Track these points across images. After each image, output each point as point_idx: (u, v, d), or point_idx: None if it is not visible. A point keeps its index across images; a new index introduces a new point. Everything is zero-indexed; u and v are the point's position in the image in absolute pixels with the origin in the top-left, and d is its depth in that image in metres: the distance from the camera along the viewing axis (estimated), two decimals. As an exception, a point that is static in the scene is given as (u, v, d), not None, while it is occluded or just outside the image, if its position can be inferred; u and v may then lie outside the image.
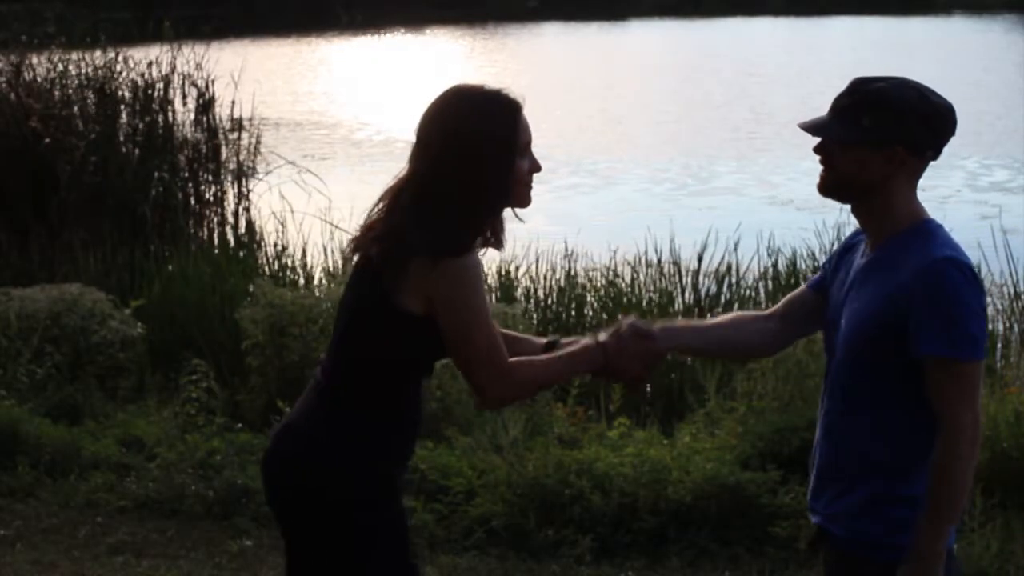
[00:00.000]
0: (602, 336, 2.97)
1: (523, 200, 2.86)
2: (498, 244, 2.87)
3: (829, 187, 2.77)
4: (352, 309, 2.88)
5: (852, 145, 2.71)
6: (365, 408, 2.85)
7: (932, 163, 2.78)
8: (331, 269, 8.89)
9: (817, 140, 2.77)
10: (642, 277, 8.56)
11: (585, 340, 3.00)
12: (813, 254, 8.57)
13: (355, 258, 2.91)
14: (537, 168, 2.86)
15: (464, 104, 2.82)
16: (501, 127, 2.79)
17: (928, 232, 2.70)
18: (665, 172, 16.24)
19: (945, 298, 2.59)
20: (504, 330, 2.95)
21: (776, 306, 3.08)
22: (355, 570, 2.86)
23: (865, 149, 2.70)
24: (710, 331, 3.12)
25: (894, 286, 2.65)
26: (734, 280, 8.42)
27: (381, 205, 2.87)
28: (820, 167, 2.78)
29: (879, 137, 2.68)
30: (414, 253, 2.72)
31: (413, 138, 2.86)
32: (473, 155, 2.75)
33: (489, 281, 8.23)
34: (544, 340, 3.10)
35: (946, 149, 2.78)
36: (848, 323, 2.74)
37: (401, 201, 2.81)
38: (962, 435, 2.59)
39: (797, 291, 3.07)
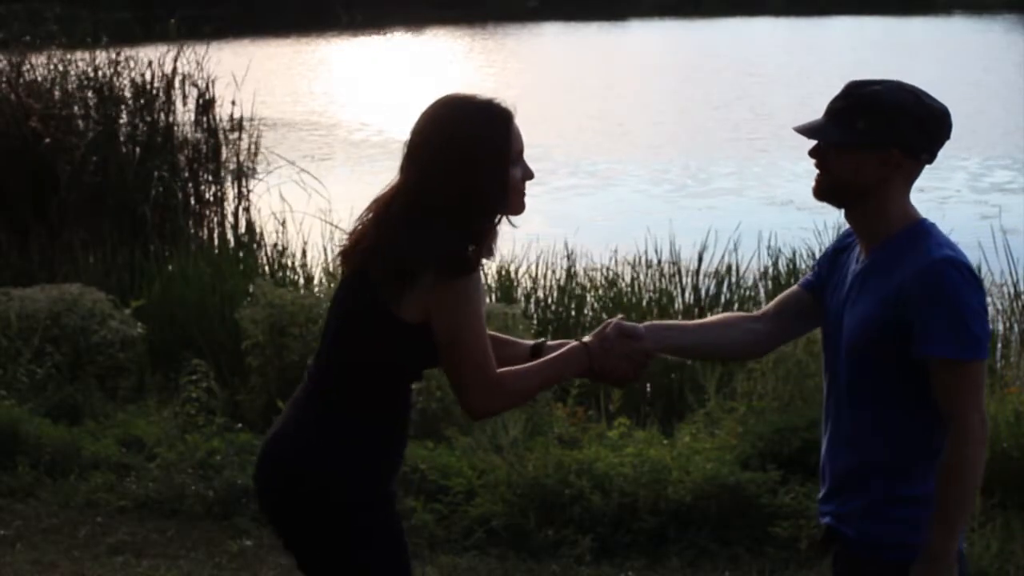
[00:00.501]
0: (587, 338, 2.98)
1: (517, 208, 2.86)
2: (488, 253, 2.86)
3: (825, 191, 2.77)
4: (345, 314, 2.88)
5: (847, 148, 2.71)
6: (356, 411, 2.85)
7: (929, 165, 2.78)
8: (331, 269, 8.88)
9: (812, 143, 2.77)
10: (642, 277, 8.56)
11: (571, 343, 3.00)
12: (813, 254, 8.56)
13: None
14: (530, 176, 2.87)
15: (456, 113, 2.83)
16: (493, 136, 2.80)
17: (924, 232, 2.70)
18: (665, 173, 16.23)
19: (946, 299, 2.59)
20: (492, 332, 2.95)
21: (768, 306, 3.07)
22: (352, 573, 2.86)
23: (860, 152, 2.70)
24: (699, 331, 3.10)
25: (893, 288, 2.65)
26: (734, 280, 8.42)
27: (369, 216, 2.86)
28: (817, 169, 2.78)
29: (874, 140, 2.68)
30: (423, 267, 2.72)
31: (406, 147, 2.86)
32: (466, 164, 2.76)
33: (489, 281, 8.24)
34: (531, 343, 3.11)
35: (946, 149, 2.78)
36: (849, 328, 2.74)
37: (391, 211, 2.81)
38: (970, 435, 2.60)
39: (789, 290, 3.05)
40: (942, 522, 2.61)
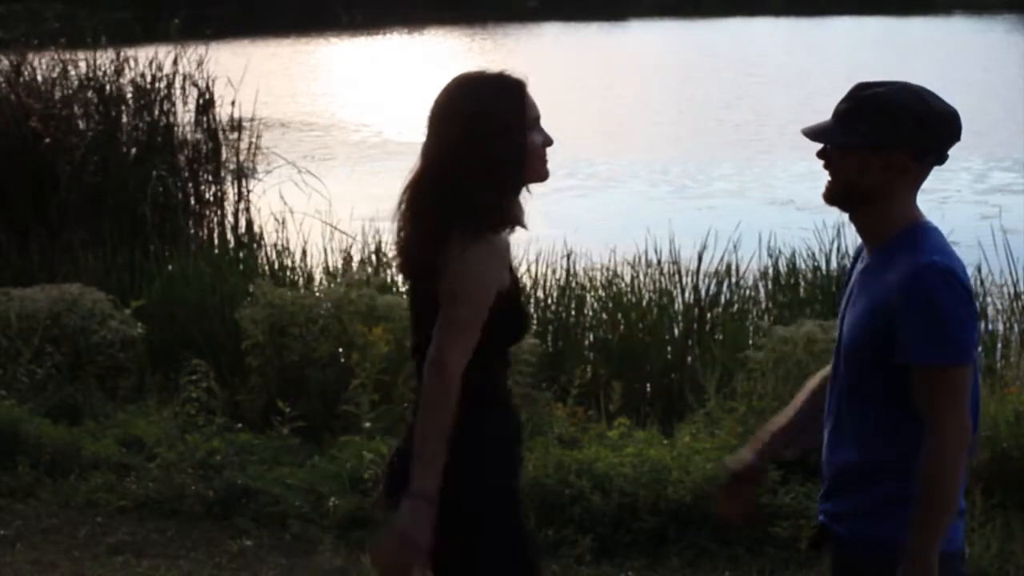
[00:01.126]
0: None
1: (540, 174, 2.91)
2: (519, 223, 2.90)
3: (835, 195, 2.75)
4: (415, 316, 2.95)
5: (852, 150, 2.70)
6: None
7: (939, 167, 2.76)
8: (331, 269, 8.88)
9: (819, 145, 2.77)
10: (642, 277, 8.55)
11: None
12: (813, 254, 8.58)
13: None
14: (549, 142, 2.91)
15: (470, 88, 2.89)
16: (509, 105, 2.86)
17: (918, 235, 2.69)
18: (665, 174, 16.23)
19: (925, 304, 2.59)
20: None
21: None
22: (472, 560, 2.89)
23: (864, 154, 2.69)
24: (810, 413, 3.00)
25: (882, 292, 2.66)
26: (734, 280, 8.41)
27: (403, 207, 2.90)
28: (822, 168, 2.77)
29: (877, 141, 2.68)
30: (451, 227, 2.77)
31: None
32: (485, 137, 2.80)
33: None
34: None
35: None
36: (847, 329, 2.76)
37: (421, 194, 2.86)
38: (948, 441, 2.59)
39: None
40: (923, 528, 2.60)
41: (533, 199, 2.92)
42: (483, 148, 2.79)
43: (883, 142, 2.67)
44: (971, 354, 2.63)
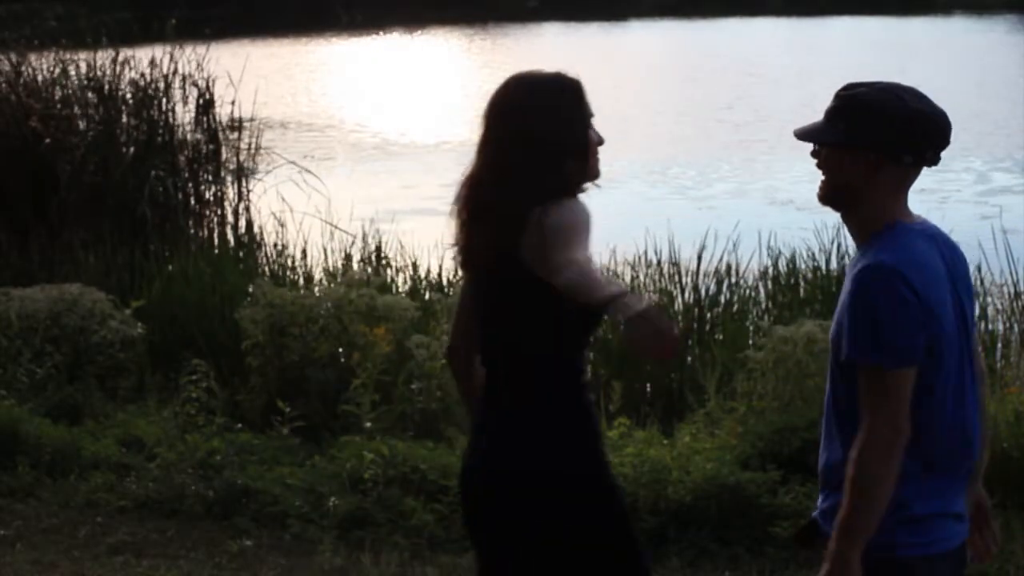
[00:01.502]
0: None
1: (594, 172, 3.00)
2: None
3: (826, 195, 2.77)
4: (484, 305, 2.97)
5: (834, 149, 2.71)
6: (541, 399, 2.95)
7: (929, 167, 2.76)
8: (331, 269, 8.88)
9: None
10: (642, 277, 8.55)
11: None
12: (813, 254, 8.58)
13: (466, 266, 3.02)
14: (601, 141, 2.99)
15: (530, 88, 2.95)
16: (569, 103, 2.93)
17: (885, 236, 2.68)
18: (665, 174, 16.23)
19: (862, 304, 2.60)
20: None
21: None
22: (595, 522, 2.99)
23: (845, 153, 2.70)
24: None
25: (842, 293, 2.69)
26: (734, 280, 8.42)
27: (462, 204, 2.94)
28: (818, 172, 2.78)
29: (853, 140, 2.68)
30: (527, 210, 2.78)
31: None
32: (546, 134, 2.85)
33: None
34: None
35: (947, 149, 2.76)
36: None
37: (479, 192, 2.89)
38: (875, 441, 2.58)
39: None
40: (844, 527, 2.60)
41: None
42: (545, 146, 2.85)
43: (860, 141, 2.68)
44: (910, 357, 2.59)
